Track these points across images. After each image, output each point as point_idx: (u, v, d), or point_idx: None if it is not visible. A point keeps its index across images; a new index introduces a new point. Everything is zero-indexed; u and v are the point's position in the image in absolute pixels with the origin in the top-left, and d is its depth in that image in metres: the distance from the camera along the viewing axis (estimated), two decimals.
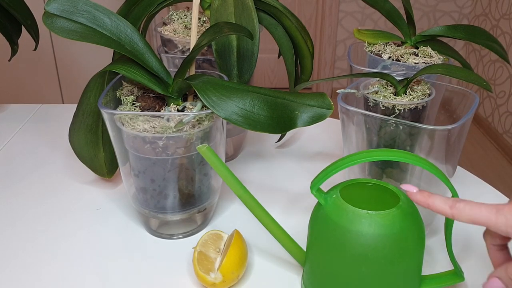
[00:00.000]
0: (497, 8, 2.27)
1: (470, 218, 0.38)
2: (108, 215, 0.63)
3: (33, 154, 0.77)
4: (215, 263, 0.50)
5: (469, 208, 0.38)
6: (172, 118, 0.50)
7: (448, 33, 0.68)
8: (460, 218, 0.39)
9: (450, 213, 0.39)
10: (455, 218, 0.39)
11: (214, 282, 0.49)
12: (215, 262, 0.50)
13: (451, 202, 0.39)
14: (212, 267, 0.50)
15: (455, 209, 0.39)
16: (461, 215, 0.38)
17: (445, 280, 0.49)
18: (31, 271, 0.54)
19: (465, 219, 0.38)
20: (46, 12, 0.51)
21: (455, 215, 0.39)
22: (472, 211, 0.38)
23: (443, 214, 0.40)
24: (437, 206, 0.40)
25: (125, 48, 0.52)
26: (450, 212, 0.39)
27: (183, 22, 0.68)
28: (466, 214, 0.38)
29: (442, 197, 0.40)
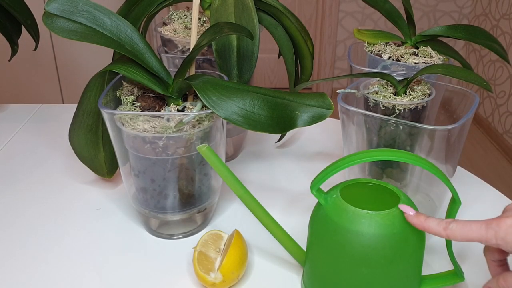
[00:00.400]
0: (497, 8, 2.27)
1: (463, 237, 0.40)
2: (108, 215, 0.63)
3: (33, 154, 0.77)
4: (215, 263, 0.50)
5: (460, 227, 0.40)
6: (172, 118, 0.50)
7: (448, 33, 0.68)
8: (454, 238, 0.41)
9: (445, 234, 0.41)
10: (450, 239, 0.41)
11: (214, 282, 0.49)
12: (215, 262, 0.50)
13: (444, 224, 0.41)
14: (212, 267, 0.50)
15: (448, 230, 0.41)
16: (455, 235, 0.40)
17: (445, 280, 0.49)
18: (31, 270, 0.54)
19: (459, 238, 0.40)
20: (46, 12, 0.51)
21: (450, 236, 0.41)
22: (463, 230, 0.40)
23: (438, 236, 0.42)
24: (432, 229, 0.42)
25: (125, 48, 0.52)
26: (445, 233, 0.41)
27: (183, 22, 0.68)
28: (459, 234, 0.40)
29: (436, 220, 0.42)
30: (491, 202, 0.67)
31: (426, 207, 0.58)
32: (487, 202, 0.67)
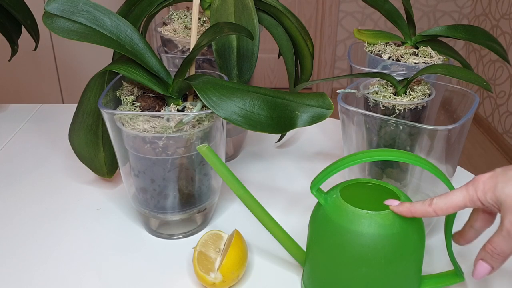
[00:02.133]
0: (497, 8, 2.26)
1: (449, 206, 0.40)
2: (108, 215, 0.63)
3: (33, 154, 0.77)
4: (215, 263, 0.50)
5: (443, 198, 0.41)
6: (172, 118, 0.50)
7: (448, 33, 0.68)
8: (441, 210, 0.41)
9: (431, 210, 0.41)
10: (438, 213, 0.41)
11: (214, 282, 0.49)
12: (215, 262, 0.50)
13: (429, 202, 0.42)
14: (212, 267, 0.50)
15: (433, 205, 0.41)
16: (441, 208, 0.41)
17: (445, 280, 0.49)
18: (30, 270, 0.54)
19: (445, 208, 0.40)
20: (46, 12, 0.51)
21: (437, 210, 0.41)
22: (447, 200, 0.40)
23: (427, 215, 0.42)
24: (419, 211, 0.42)
25: (125, 48, 0.52)
26: (432, 209, 0.41)
27: (183, 22, 0.68)
28: (444, 204, 0.40)
29: (419, 202, 0.42)
30: None
31: None
32: None
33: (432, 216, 0.42)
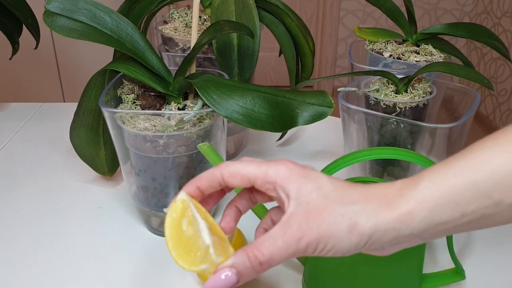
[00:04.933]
0: (498, 6, 2.26)
1: (239, 171, 0.35)
2: (109, 213, 0.63)
3: (34, 152, 0.77)
4: None
5: (236, 163, 0.36)
6: (173, 117, 0.50)
7: (449, 31, 0.68)
8: (228, 174, 0.35)
9: (218, 172, 0.36)
10: (224, 177, 0.35)
11: None
12: None
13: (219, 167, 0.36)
14: None
15: (221, 166, 0.36)
16: (230, 171, 0.35)
17: (446, 278, 0.49)
18: (31, 269, 0.54)
19: (234, 174, 0.35)
20: (47, 10, 0.51)
21: (224, 173, 0.35)
22: (239, 165, 0.35)
23: (215, 178, 0.36)
24: (206, 175, 0.36)
25: (125, 47, 0.52)
26: (218, 171, 0.36)
27: (184, 20, 0.68)
28: (235, 168, 0.35)
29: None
30: None
31: None
32: None
33: (217, 187, 0.36)
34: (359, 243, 0.32)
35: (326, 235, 0.32)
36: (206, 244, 0.33)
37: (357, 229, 0.32)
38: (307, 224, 0.32)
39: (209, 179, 0.36)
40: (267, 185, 0.35)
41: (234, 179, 0.35)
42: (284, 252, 0.32)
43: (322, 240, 0.32)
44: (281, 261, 0.33)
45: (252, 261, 0.32)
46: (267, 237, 0.33)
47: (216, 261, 0.33)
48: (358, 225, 0.32)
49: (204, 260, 0.33)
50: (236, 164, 0.36)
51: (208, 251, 0.33)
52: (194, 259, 0.34)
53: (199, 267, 0.33)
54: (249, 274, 0.33)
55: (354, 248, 0.32)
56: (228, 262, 0.33)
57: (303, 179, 0.34)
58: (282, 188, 0.34)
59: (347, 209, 0.32)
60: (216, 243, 0.34)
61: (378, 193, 0.33)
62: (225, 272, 0.32)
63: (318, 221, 0.32)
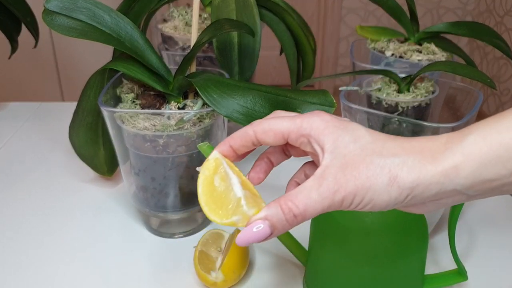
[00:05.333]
0: (501, 4, 2.25)
1: (272, 128, 0.34)
2: (108, 213, 0.63)
3: (33, 152, 0.77)
4: (216, 262, 0.50)
5: (267, 120, 0.35)
6: (173, 116, 0.50)
7: (451, 30, 0.67)
8: (261, 131, 0.34)
9: (251, 131, 0.35)
10: (257, 135, 0.35)
11: (215, 281, 0.48)
12: (216, 261, 0.50)
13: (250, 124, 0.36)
14: (213, 266, 0.49)
15: (254, 124, 0.35)
16: (263, 128, 0.34)
17: (449, 279, 0.49)
18: (30, 269, 0.53)
19: (267, 130, 0.34)
20: (46, 9, 0.51)
21: (257, 130, 0.35)
22: (272, 122, 0.34)
23: (246, 143, 0.35)
24: (239, 133, 0.35)
25: (125, 46, 0.52)
26: (251, 129, 0.35)
27: (184, 19, 0.68)
28: (268, 125, 0.34)
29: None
30: (495, 200, 0.66)
31: None
32: (490, 201, 0.66)
33: (250, 145, 0.35)
34: (399, 197, 0.31)
35: (364, 188, 0.31)
36: (237, 196, 0.33)
37: (397, 182, 0.30)
38: (344, 176, 0.31)
39: (241, 138, 0.35)
40: (301, 138, 0.34)
41: (268, 136, 0.35)
42: (319, 205, 0.31)
43: (360, 193, 0.31)
44: (315, 214, 0.31)
45: (286, 213, 0.31)
46: (302, 189, 0.31)
47: (248, 213, 0.32)
48: (398, 178, 0.30)
49: (236, 212, 0.33)
50: (269, 120, 0.35)
51: (240, 203, 0.33)
52: (226, 212, 0.33)
53: (230, 219, 0.33)
54: (282, 226, 0.31)
55: (394, 202, 0.31)
56: (261, 214, 0.31)
57: (340, 131, 0.32)
58: (317, 141, 0.33)
59: (387, 161, 0.31)
60: (248, 197, 0.33)
61: (421, 146, 0.31)
62: (258, 225, 0.31)
63: (355, 173, 0.31)
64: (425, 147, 0.31)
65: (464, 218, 0.62)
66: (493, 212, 0.64)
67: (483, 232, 0.60)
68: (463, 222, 0.61)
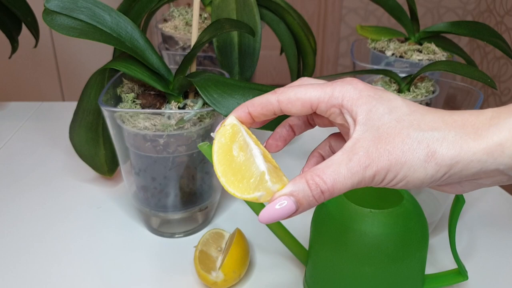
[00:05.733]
0: (501, 4, 2.25)
1: (299, 97, 0.31)
2: (108, 213, 0.63)
3: (34, 152, 0.77)
4: (216, 262, 0.50)
5: (294, 88, 0.32)
6: (173, 116, 0.50)
7: (452, 29, 0.67)
8: (287, 100, 0.32)
9: (274, 99, 0.32)
10: (281, 105, 0.32)
11: (215, 281, 0.48)
12: (217, 261, 0.50)
13: (274, 91, 0.33)
14: (214, 266, 0.49)
15: (278, 93, 0.32)
16: (288, 97, 0.32)
17: (449, 279, 0.49)
18: (31, 269, 0.53)
19: (294, 100, 0.31)
20: (46, 9, 0.51)
21: (281, 99, 0.32)
22: (299, 90, 0.32)
23: (270, 105, 0.32)
24: (260, 100, 0.33)
25: (125, 45, 0.52)
26: (275, 97, 0.32)
27: (184, 18, 0.68)
28: (294, 95, 0.32)
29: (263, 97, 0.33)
30: (495, 200, 0.66)
31: (430, 206, 0.57)
32: (491, 200, 0.66)
33: (274, 107, 0.32)
34: (436, 175, 0.28)
35: (398, 163, 0.28)
36: (260, 170, 0.30)
37: (435, 158, 0.28)
38: (377, 150, 0.28)
39: (263, 106, 0.32)
40: (332, 109, 0.31)
41: (294, 106, 0.32)
42: (348, 181, 0.29)
43: (393, 168, 0.28)
44: (344, 190, 0.29)
45: (312, 189, 0.29)
46: (330, 163, 0.29)
47: (272, 188, 0.29)
48: (437, 154, 0.28)
49: (259, 187, 0.30)
50: (296, 89, 0.32)
51: (263, 178, 0.30)
52: (247, 186, 0.30)
53: (253, 194, 0.30)
54: (309, 203, 0.29)
55: (429, 180, 0.29)
56: (287, 190, 0.29)
57: (374, 101, 0.30)
58: (349, 111, 0.30)
59: (425, 135, 0.28)
60: (271, 171, 0.31)
61: (463, 120, 0.29)
62: (282, 201, 0.29)
63: (390, 147, 0.28)
64: (468, 122, 0.29)
65: (465, 218, 0.62)
66: (493, 212, 0.64)
67: (484, 232, 0.60)
68: (464, 222, 0.61)
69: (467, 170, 0.28)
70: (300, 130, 0.36)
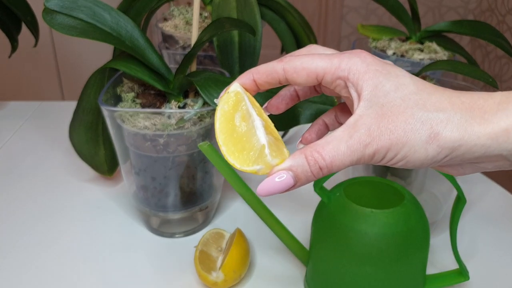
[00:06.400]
0: (503, 3, 2.25)
1: (305, 67, 0.31)
2: (108, 213, 0.62)
3: (34, 151, 0.76)
4: (216, 262, 0.50)
5: (300, 57, 0.31)
6: (173, 115, 0.50)
7: (453, 28, 0.67)
8: (292, 69, 0.31)
9: (280, 67, 0.31)
10: (287, 74, 0.31)
11: (215, 281, 0.48)
12: (217, 261, 0.50)
13: (280, 59, 0.32)
14: (214, 266, 0.49)
15: (285, 61, 0.32)
16: (294, 66, 0.31)
17: (450, 279, 0.48)
18: (30, 269, 0.53)
19: (299, 70, 0.31)
20: (46, 8, 0.50)
21: (287, 68, 0.31)
22: (305, 60, 0.31)
23: (275, 73, 0.32)
24: (265, 68, 0.32)
25: (125, 44, 0.52)
26: (280, 66, 0.31)
27: (184, 17, 0.67)
28: (300, 64, 0.31)
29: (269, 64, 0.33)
30: (497, 199, 0.66)
31: (431, 206, 0.57)
32: (492, 200, 0.66)
33: (279, 75, 0.32)
34: (437, 156, 0.28)
35: (399, 142, 0.28)
36: (261, 143, 0.30)
37: (438, 140, 0.28)
38: (378, 128, 0.28)
39: (268, 74, 0.32)
40: (337, 81, 0.30)
41: (299, 76, 0.31)
42: (347, 158, 0.28)
43: (394, 148, 0.28)
44: (343, 167, 0.29)
45: (311, 165, 0.29)
46: (330, 139, 0.29)
47: (272, 162, 0.30)
48: (439, 136, 0.28)
49: (258, 160, 0.30)
50: (302, 58, 0.31)
51: (263, 151, 0.30)
52: (247, 158, 0.30)
53: (252, 167, 0.30)
54: (306, 178, 0.29)
55: (430, 161, 0.28)
56: (285, 165, 0.29)
57: (381, 77, 0.29)
58: (355, 85, 0.30)
59: (429, 116, 0.28)
60: (271, 143, 0.30)
61: (471, 102, 0.28)
62: (281, 175, 0.29)
63: (392, 126, 0.28)
64: (476, 105, 0.28)
65: (466, 218, 0.62)
66: (494, 212, 0.64)
67: (485, 232, 0.60)
68: (465, 222, 0.61)
69: (470, 154, 0.28)
70: (305, 95, 0.36)
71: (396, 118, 0.28)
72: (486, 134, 0.27)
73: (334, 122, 0.36)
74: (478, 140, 0.27)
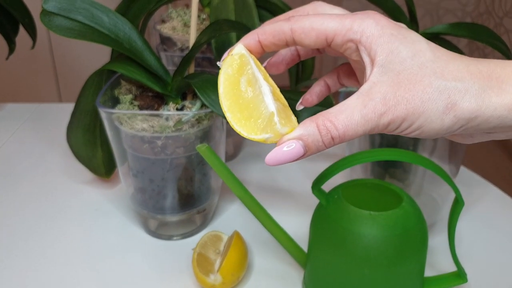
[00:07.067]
0: (500, 6, 2.25)
1: (314, 27, 0.29)
2: (106, 215, 0.62)
3: (31, 154, 0.76)
4: (214, 265, 0.50)
5: (309, 17, 0.30)
6: (171, 117, 0.50)
7: (451, 31, 0.67)
8: (300, 29, 0.29)
9: (287, 27, 0.30)
10: (294, 35, 0.30)
11: (213, 284, 0.48)
12: (215, 264, 0.50)
13: (288, 17, 0.30)
14: (212, 269, 0.49)
15: (292, 21, 0.30)
16: (302, 26, 0.29)
17: (448, 281, 0.48)
18: (27, 271, 0.53)
19: (308, 30, 0.29)
20: (44, 10, 0.50)
21: (295, 27, 0.29)
22: (314, 19, 0.29)
23: (282, 33, 0.30)
24: (272, 28, 0.30)
25: (123, 46, 0.52)
26: (288, 25, 0.30)
27: (182, 19, 0.67)
28: (309, 24, 0.29)
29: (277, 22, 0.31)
30: (495, 202, 0.66)
31: (429, 208, 0.57)
32: (490, 203, 0.66)
33: (286, 33, 0.30)
34: (452, 127, 0.27)
35: (416, 112, 0.27)
36: (269, 110, 0.28)
37: (454, 110, 0.27)
38: (395, 97, 0.27)
39: (274, 35, 0.30)
40: (348, 44, 0.29)
41: (308, 37, 0.29)
42: (361, 128, 0.27)
43: (410, 118, 0.27)
44: (356, 137, 0.28)
45: (323, 134, 0.27)
46: (343, 108, 0.27)
47: (281, 131, 0.28)
48: (456, 106, 0.27)
49: (266, 129, 0.28)
50: (312, 18, 0.29)
51: (272, 119, 0.28)
52: (255, 126, 0.29)
53: (260, 136, 0.28)
54: (317, 148, 0.28)
55: (445, 131, 0.28)
56: (295, 133, 0.28)
57: (397, 42, 0.28)
58: (368, 49, 0.28)
59: (447, 85, 0.27)
60: (280, 110, 0.29)
61: (488, 71, 0.27)
62: (290, 143, 0.27)
63: (409, 95, 0.27)
64: (494, 74, 0.27)
65: (464, 220, 0.62)
66: (493, 214, 0.64)
67: (483, 234, 0.60)
68: (463, 224, 0.61)
69: (485, 124, 0.27)
70: (306, 55, 0.34)
71: (413, 87, 0.27)
72: (503, 105, 0.27)
73: (336, 83, 0.34)
74: (495, 111, 0.27)
